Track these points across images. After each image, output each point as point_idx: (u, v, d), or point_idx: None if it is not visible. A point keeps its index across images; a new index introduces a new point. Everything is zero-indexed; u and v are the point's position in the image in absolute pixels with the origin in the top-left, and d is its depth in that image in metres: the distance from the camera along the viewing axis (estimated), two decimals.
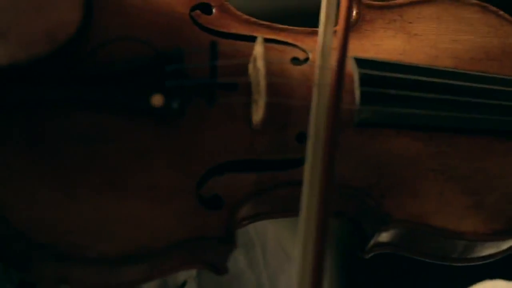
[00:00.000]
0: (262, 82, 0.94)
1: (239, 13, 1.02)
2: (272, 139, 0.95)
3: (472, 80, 1.01)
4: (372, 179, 0.97)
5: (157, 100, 0.92)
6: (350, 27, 0.94)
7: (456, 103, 0.99)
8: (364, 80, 0.97)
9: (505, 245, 1.00)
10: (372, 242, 0.98)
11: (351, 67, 0.98)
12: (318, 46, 0.94)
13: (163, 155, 0.92)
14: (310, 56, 0.99)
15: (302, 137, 0.95)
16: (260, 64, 0.95)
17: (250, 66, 0.96)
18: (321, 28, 0.94)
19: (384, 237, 0.98)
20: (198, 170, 0.93)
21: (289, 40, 1.01)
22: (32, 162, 0.90)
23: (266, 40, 0.99)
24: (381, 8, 1.06)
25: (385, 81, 0.98)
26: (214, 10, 1.01)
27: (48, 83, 0.91)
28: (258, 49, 0.95)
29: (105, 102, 0.91)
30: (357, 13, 1.05)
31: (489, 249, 0.99)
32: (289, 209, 0.96)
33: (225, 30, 1.00)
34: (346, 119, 0.97)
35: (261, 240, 1.22)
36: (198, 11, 1.01)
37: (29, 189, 0.89)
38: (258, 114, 0.95)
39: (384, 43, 1.04)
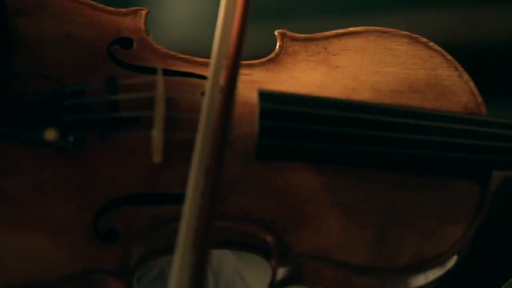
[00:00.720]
0: (160, 116, 0.95)
1: (158, 46, 1.04)
2: (175, 172, 0.97)
3: (382, 113, 0.99)
4: (275, 214, 0.96)
5: (50, 134, 0.94)
6: (239, 59, 0.94)
7: (362, 137, 0.98)
8: (264, 114, 0.97)
9: (416, 282, 0.98)
10: (277, 277, 0.98)
11: (255, 99, 0.99)
12: (209, 76, 0.94)
13: (61, 188, 0.95)
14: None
15: None
16: (160, 98, 0.96)
17: (157, 100, 0.98)
18: (213, 57, 0.94)
19: (289, 272, 0.97)
20: (95, 203, 0.95)
21: (205, 73, 1.02)
22: None
23: (179, 74, 1.01)
24: (306, 40, 1.06)
25: (287, 115, 0.97)
26: (134, 45, 1.03)
27: None
28: (159, 82, 0.97)
29: (4, 134, 0.95)
30: (279, 45, 1.05)
31: (400, 286, 0.98)
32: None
33: (142, 64, 1.02)
34: (248, 152, 0.97)
35: (215, 266, 1.22)
36: (117, 46, 1.03)
37: None
38: (156, 147, 0.96)
39: (303, 75, 1.03)
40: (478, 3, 2.14)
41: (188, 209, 0.89)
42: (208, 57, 1.01)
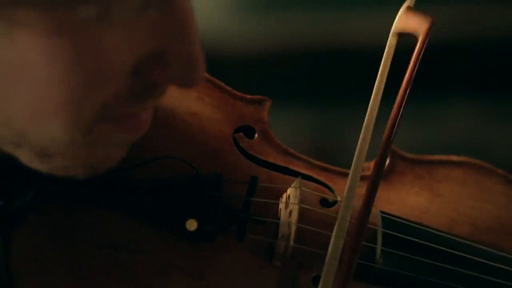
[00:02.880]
0: (291, 227, 0.97)
1: (279, 142, 1.05)
2: (290, 277, 0.99)
3: (484, 256, 1.04)
4: None
5: (191, 225, 0.95)
6: (380, 179, 0.97)
7: (467, 276, 1.02)
8: (387, 240, 1.01)
9: None
10: None
11: (376, 221, 1.02)
12: (344, 194, 0.97)
13: (184, 275, 0.95)
14: (338, 199, 1.02)
15: (317, 280, 0.99)
16: (293, 208, 0.98)
17: (282, 205, 1.00)
18: (349, 181, 0.97)
19: None
20: None
21: (322, 179, 1.04)
22: (59, 258, 0.93)
23: (303, 177, 1.02)
24: (412, 161, 1.09)
25: (405, 244, 1.01)
26: (256, 135, 1.04)
27: (88, 186, 0.94)
28: (294, 192, 0.99)
29: (140, 213, 0.95)
30: (390, 162, 1.08)
31: None
32: None
33: (263, 158, 1.03)
34: (363, 273, 1.00)
35: None
36: (241, 134, 1.04)
37: (50, 285, 0.92)
38: (281, 253, 0.98)
39: (410, 198, 1.07)
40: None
41: None
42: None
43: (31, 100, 0.80)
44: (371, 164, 0.98)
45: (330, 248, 0.95)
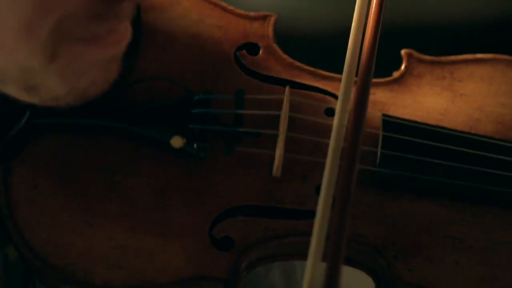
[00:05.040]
0: (283, 134, 0.96)
1: (284, 56, 1.04)
2: (292, 188, 0.97)
3: (506, 153, 0.98)
4: (387, 239, 0.97)
5: (176, 141, 0.95)
6: (371, 76, 0.92)
7: (484, 174, 0.97)
8: (387, 143, 0.97)
9: None
10: None
11: (378, 123, 0.98)
12: (339, 98, 0.93)
13: (179, 194, 0.96)
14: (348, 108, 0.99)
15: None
16: (285, 116, 0.96)
17: (281, 114, 0.98)
18: (343, 80, 0.93)
19: None
20: (213, 211, 0.96)
21: (330, 89, 1.02)
22: (59, 186, 0.96)
23: (304, 87, 1.00)
24: (432, 63, 1.04)
25: (410, 146, 0.97)
26: (260, 51, 1.03)
27: (81, 114, 0.96)
28: (286, 99, 0.97)
29: (129, 136, 0.96)
30: (405, 66, 1.04)
31: None
32: (297, 255, 0.98)
33: (266, 73, 1.02)
34: (366, 178, 0.97)
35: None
36: (244, 51, 1.03)
37: (52, 212, 0.95)
38: (278, 164, 0.97)
39: (427, 100, 1.02)
40: None
41: (318, 231, 0.89)
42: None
43: None
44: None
45: (328, 155, 0.92)
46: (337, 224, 0.90)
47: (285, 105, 0.97)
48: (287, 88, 0.98)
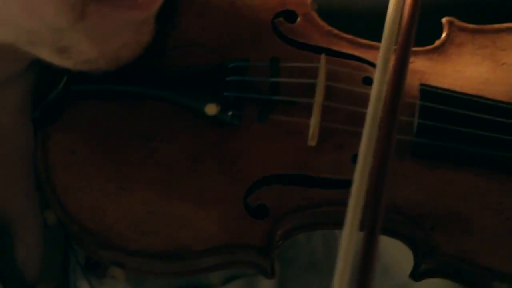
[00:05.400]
0: (319, 103, 0.95)
1: (322, 23, 1.03)
2: (327, 157, 0.97)
3: None
4: (424, 210, 0.96)
5: (211, 109, 0.95)
6: (411, 45, 0.90)
7: None
8: (425, 113, 0.96)
9: None
10: (421, 269, 0.98)
11: (416, 92, 0.97)
12: (377, 67, 0.92)
13: (215, 161, 0.96)
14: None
15: (357, 159, 0.96)
16: (321, 85, 0.95)
17: (318, 82, 0.97)
18: (382, 49, 0.92)
19: (431, 266, 0.97)
20: (248, 179, 0.96)
21: (369, 58, 1.00)
22: (95, 151, 0.96)
23: (341, 55, 0.99)
24: (474, 31, 1.03)
25: (448, 116, 0.96)
26: (298, 19, 1.02)
27: (118, 77, 0.96)
28: (322, 68, 0.96)
29: (165, 103, 0.96)
30: (446, 34, 1.02)
31: None
32: (332, 224, 0.97)
33: (304, 41, 1.01)
34: (402, 146, 0.96)
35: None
36: (281, 19, 1.02)
37: (88, 177, 0.95)
38: (313, 132, 0.96)
39: (468, 70, 1.01)
40: None
41: (355, 199, 0.88)
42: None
43: None
44: None
45: (366, 124, 0.91)
46: (374, 194, 0.90)
47: (321, 73, 0.96)
48: (322, 56, 0.97)
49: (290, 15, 1.02)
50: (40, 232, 1.04)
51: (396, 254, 1.09)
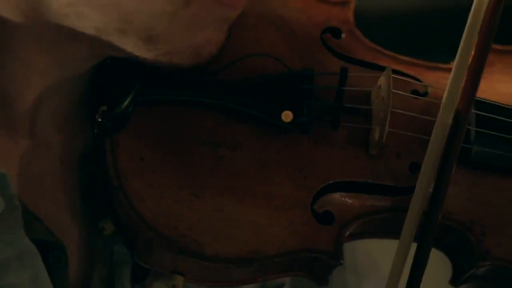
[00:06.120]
0: (385, 112, 0.99)
1: (366, 40, 1.07)
2: (386, 165, 1.01)
3: None
4: (476, 216, 1.01)
5: (286, 116, 0.97)
6: (482, 71, 0.97)
7: None
8: (480, 121, 1.02)
9: None
10: (467, 275, 1.03)
11: None
12: (448, 87, 0.97)
13: (283, 168, 0.98)
14: (429, 90, 1.04)
15: (414, 167, 1.00)
16: (385, 94, 1.00)
17: (374, 94, 1.02)
18: (453, 71, 0.97)
19: (480, 271, 1.02)
20: (314, 185, 0.98)
21: (411, 73, 1.06)
22: (165, 158, 0.96)
23: (392, 71, 1.04)
24: (502, 52, 1.10)
25: (500, 125, 1.02)
26: (343, 35, 1.07)
27: (186, 87, 0.97)
28: (385, 79, 1.01)
29: (236, 111, 0.98)
30: None
31: None
32: (391, 232, 1.01)
33: (352, 56, 1.05)
34: (459, 157, 1.01)
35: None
36: (328, 34, 1.06)
37: (159, 183, 0.95)
38: (376, 141, 1.00)
39: (500, 86, 1.08)
40: None
41: (415, 207, 0.93)
42: None
43: None
44: None
45: (434, 132, 0.96)
46: (433, 202, 0.95)
47: (388, 84, 1.00)
48: (389, 68, 1.01)
49: (335, 32, 1.07)
50: (85, 245, 1.02)
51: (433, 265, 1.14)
